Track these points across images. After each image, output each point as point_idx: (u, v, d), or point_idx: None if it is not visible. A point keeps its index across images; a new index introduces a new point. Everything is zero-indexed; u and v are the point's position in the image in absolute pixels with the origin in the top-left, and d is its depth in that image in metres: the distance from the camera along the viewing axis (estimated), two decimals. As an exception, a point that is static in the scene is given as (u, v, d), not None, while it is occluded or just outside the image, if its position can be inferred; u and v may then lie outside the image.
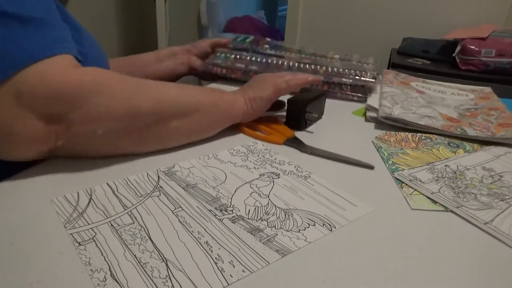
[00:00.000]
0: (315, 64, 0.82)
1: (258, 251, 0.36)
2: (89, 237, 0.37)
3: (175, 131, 0.52)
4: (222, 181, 0.47)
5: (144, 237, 0.37)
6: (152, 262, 0.34)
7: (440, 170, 0.52)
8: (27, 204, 0.41)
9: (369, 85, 0.79)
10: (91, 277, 0.32)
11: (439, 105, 0.75)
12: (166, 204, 0.42)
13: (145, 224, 0.39)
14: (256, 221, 0.40)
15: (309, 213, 0.42)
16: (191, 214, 0.41)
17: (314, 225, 0.40)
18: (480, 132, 0.62)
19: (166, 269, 0.33)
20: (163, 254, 0.35)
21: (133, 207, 0.42)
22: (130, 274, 0.33)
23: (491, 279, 0.35)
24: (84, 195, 0.43)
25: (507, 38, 1.41)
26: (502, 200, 0.46)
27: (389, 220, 0.42)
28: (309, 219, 0.41)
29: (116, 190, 0.44)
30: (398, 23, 1.89)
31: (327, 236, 0.39)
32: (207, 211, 0.42)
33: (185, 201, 0.43)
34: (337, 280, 0.34)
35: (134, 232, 0.38)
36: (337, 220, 0.41)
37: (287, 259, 0.36)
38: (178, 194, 0.44)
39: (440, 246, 0.39)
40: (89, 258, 0.34)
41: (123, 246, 0.36)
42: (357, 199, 0.45)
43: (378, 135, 0.63)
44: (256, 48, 0.90)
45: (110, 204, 0.42)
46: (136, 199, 0.43)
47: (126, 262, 0.34)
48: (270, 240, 0.38)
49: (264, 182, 0.48)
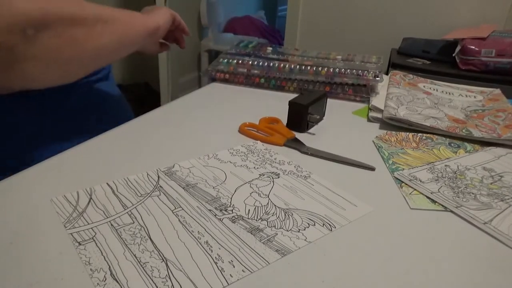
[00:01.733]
0: (317, 65, 0.82)
1: (258, 251, 0.36)
2: (89, 236, 0.37)
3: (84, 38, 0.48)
4: (222, 181, 0.47)
5: (144, 237, 0.37)
6: (152, 262, 0.34)
7: (440, 170, 0.52)
8: (27, 204, 0.41)
9: (371, 84, 0.79)
10: (91, 277, 0.32)
11: (446, 106, 0.75)
12: (166, 204, 0.42)
13: (145, 224, 0.39)
14: (256, 221, 0.40)
15: (309, 213, 0.42)
16: (191, 214, 0.41)
17: (314, 225, 0.40)
18: (485, 134, 0.62)
19: (166, 269, 0.34)
20: (163, 254, 0.35)
21: (133, 207, 0.42)
22: (130, 273, 0.33)
23: (490, 279, 0.35)
24: (84, 195, 0.43)
25: (507, 38, 1.41)
26: (502, 200, 0.46)
27: (388, 220, 0.42)
28: (309, 219, 0.41)
29: (116, 190, 0.44)
30: (398, 23, 1.89)
31: (327, 236, 0.39)
32: (207, 210, 0.42)
33: (185, 201, 0.43)
34: (337, 280, 0.34)
35: (134, 232, 0.38)
36: (337, 220, 0.41)
37: (287, 259, 0.36)
38: (178, 194, 0.44)
39: (439, 245, 0.39)
40: (89, 257, 0.34)
41: (123, 245, 0.36)
42: (357, 199, 0.45)
43: (378, 134, 0.63)
44: (258, 53, 0.90)
45: (110, 204, 0.42)
46: (136, 199, 0.43)
47: (126, 261, 0.34)
48: (270, 240, 0.38)
49: (264, 182, 0.48)
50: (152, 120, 0.65)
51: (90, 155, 0.52)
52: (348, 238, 0.39)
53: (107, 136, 0.58)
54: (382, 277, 0.34)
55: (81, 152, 0.53)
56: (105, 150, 0.53)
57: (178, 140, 0.58)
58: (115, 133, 0.59)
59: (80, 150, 0.53)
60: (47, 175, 0.47)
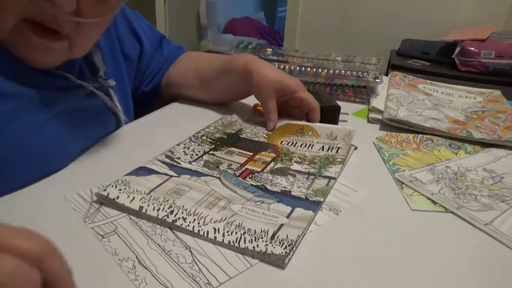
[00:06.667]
0: (317, 67, 0.82)
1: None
2: (111, 230, 0.38)
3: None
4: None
5: (164, 228, 0.38)
6: (176, 250, 0.36)
7: (440, 171, 0.52)
8: (42, 203, 0.42)
9: (371, 86, 0.79)
10: (120, 266, 0.33)
11: (446, 108, 0.75)
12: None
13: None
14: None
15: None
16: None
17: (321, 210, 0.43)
18: (486, 135, 0.62)
19: (190, 255, 0.35)
20: (185, 242, 0.37)
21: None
22: (157, 261, 0.34)
23: (491, 280, 0.35)
24: (99, 191, 0.43)
25: (506, 39, 1.41)
26: (502, 201, 0.46)
27: (389, 221, 0.42)
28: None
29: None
30: (397, 25, 1.89)
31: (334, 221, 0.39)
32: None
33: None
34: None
35: (153, 223, 0.39)
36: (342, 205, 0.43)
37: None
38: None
39: (440, 247, 0.39)
40: (115, 248, 0.35)
41: (146, 237, 0.37)
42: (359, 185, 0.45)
43: (379, 136, 0.63)
44: (258, 55, 0.90)
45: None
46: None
47: (151, 250, 0.35)
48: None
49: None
50: (156, 119, 0.65)
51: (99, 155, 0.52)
52: (347, 240, 0.39)
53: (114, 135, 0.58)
54: (382, 280, 0.34)
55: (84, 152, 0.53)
56: (111, 149, 0.53)
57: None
58: (120, 132, 0.59)
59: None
60: (55, 174, 0.47)
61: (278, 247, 0.35)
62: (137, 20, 0.68)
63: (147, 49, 0.69)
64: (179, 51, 0.77)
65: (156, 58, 0.72)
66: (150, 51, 0.71)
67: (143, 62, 0.70)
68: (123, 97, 0.62)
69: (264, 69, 0.62)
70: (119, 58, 0.63)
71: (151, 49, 0.71)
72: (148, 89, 0.73)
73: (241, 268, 0.34)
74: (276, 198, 0.44)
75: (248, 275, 0.34)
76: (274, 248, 0.35)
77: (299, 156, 0.54)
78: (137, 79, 0.71)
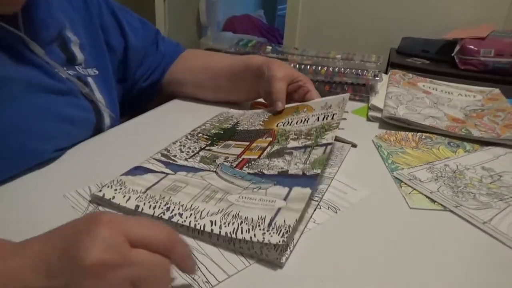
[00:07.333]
0: (316, 65, 0.82)
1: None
2: None
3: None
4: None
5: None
6: None
7: (439, 170, 0.52)
8: (41, 201, 0.42)
9: (371, 84, 0.79)
10: None
11: (445, 106, 0.75)
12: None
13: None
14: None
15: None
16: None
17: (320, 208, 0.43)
18: (485, 133, 0.62)
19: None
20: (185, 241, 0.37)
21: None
22: None
23: (489, 278, 0.35)
24: (96, 189, 0.43)
25: (506, 38, 1.41)
26: (501, 199, 0.46)
27: (388, 219, 0.42)
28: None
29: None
30: (397, 23, 1.89)
31: (333, 219, 0.39)
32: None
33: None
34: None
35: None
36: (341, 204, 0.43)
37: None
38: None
39: (439, 245, 0.39)
40: None
41: None
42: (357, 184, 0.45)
43: (378, 134, 0.63)
44: (258, 52, 0.90)
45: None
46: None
47: None
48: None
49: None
50: (157, 117, 0.65)
51: (93, 152, 0.52)
52: (346, 239, 0.39)
53: (111, 132, 0.58)
54: (380, 278, 0.34)
55: (81, 150, 0.53)
56: (109, 146, 0.53)
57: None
58: (118, 129, 0.59)
59: (82, 148, 0.53)
60: (53, 172, 0.47)
61: (276, 235, 0.35)
62: (124, 15, 0.68)
63: (135, 44, 0.69)
64: (178, 48, 0.77)
65: (152, 53, 0.72)
66: (142, 45, 0.70)
67: (134, 57, 0.69)
68: (107, 87, 0.62)
69: (281, 64, 0.65)
70: (103, 48, 0.63)
71: (143, 44, 0.71)
72: (147, 85, 0.72)
73: (240, 266, 0.34)
74: (273, 181, 0.43)
75: (247, 274, 0.34)
76: (272, 237, 0.35)
77: (295, 132, 0.54)
78: (131, 74, 0.70)
